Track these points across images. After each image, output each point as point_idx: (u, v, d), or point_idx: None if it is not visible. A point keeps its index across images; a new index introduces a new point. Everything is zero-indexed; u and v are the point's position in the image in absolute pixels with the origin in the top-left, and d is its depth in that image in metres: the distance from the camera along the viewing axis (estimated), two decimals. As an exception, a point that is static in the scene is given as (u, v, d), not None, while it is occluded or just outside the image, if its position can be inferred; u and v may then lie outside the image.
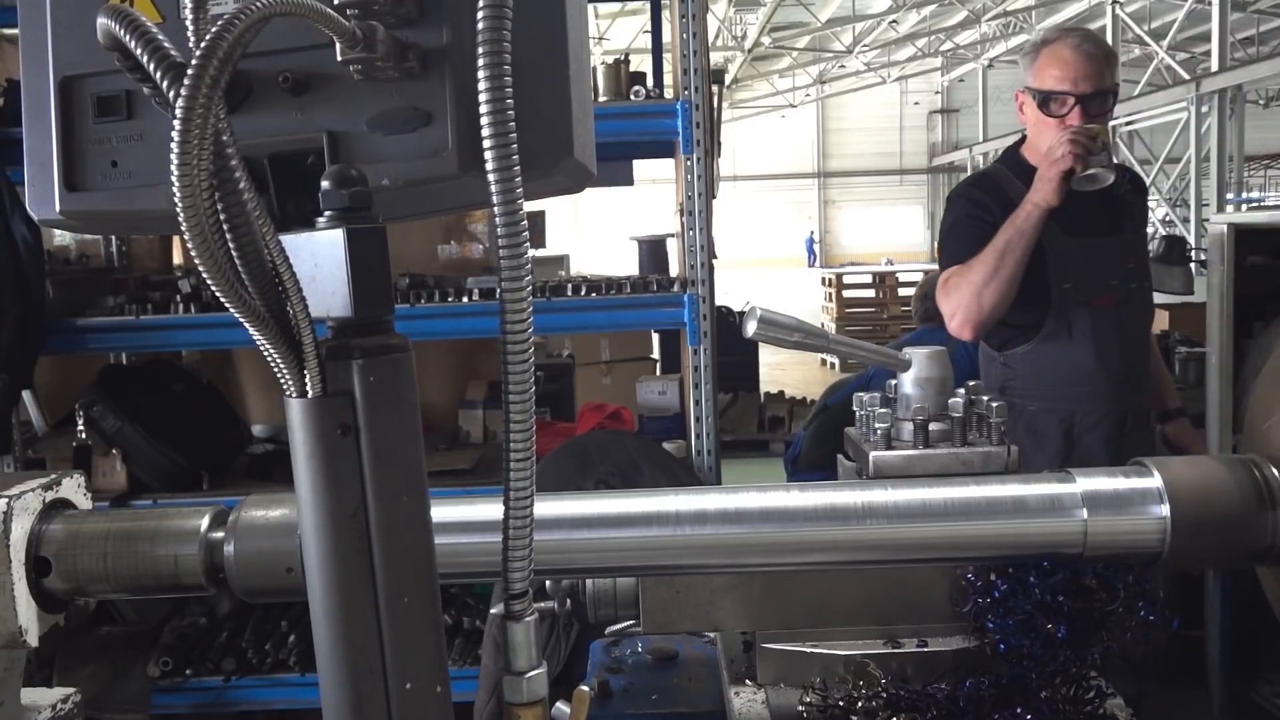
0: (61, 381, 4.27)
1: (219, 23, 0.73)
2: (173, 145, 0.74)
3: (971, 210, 2.81)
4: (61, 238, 4.72)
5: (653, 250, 6.53)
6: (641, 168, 5.98)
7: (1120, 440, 2.76)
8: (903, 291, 13.33)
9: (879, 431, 1.40)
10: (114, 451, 3.52)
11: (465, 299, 3.45)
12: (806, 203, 28.63)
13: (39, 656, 3.19)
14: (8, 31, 4.66)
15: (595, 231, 14.90)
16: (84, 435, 3.51)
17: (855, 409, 1.49)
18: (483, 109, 0.81)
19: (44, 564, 1.21)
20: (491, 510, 1.30)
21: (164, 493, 3.53)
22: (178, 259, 4.95)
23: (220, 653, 3.53)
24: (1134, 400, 2.84)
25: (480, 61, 0.81)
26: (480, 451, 4.03)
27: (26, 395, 3.77)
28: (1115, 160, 2.77)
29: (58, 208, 0.92)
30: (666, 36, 4.46)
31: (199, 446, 3.67)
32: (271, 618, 3.65)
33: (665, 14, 5.32)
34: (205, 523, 1.25)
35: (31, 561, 1.21)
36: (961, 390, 1.42)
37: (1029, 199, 2.65)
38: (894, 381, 1.47)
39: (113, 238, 4.69)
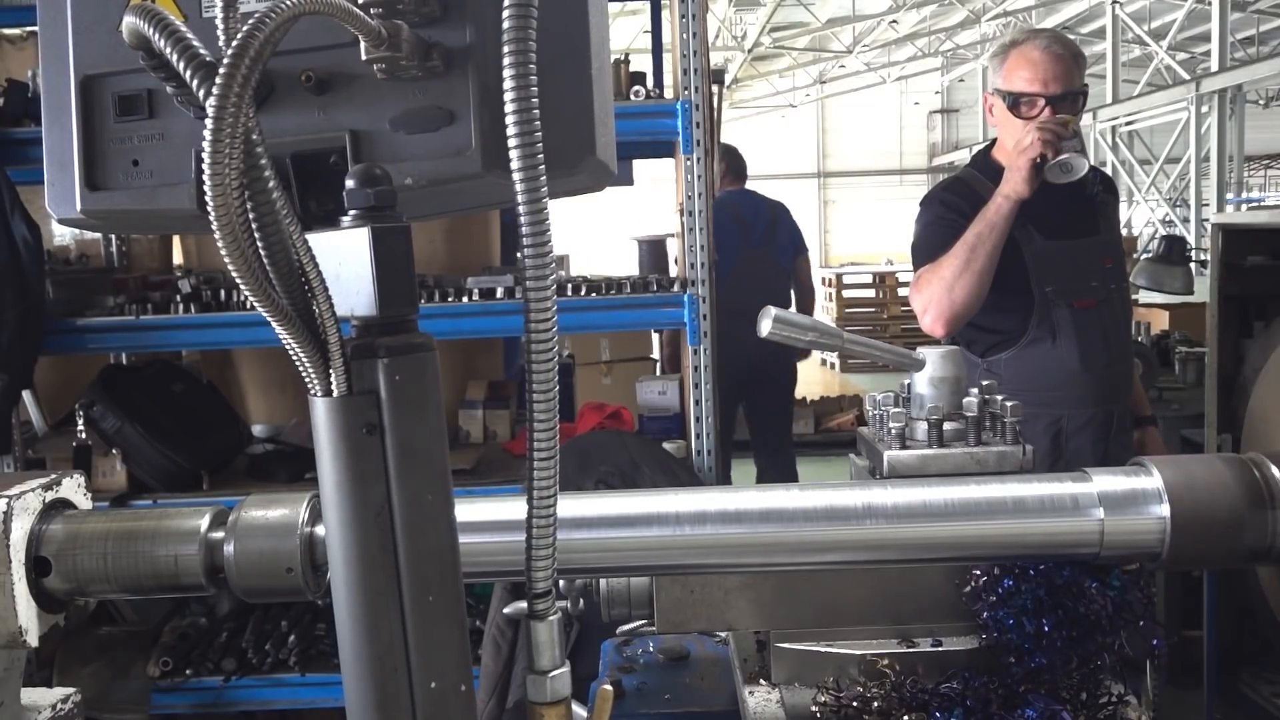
0: (61, 381, 4.26)
1: (250, 21, 0.73)
2: (204, 145, 0.74)
3: (944, 213, 2.80)
4: (61, 238, 4.71)
5: (653, 250, 6.53)
6: (641, 168, 5.98)
7: (1108, 442, 2.76)
8: (902, 291, 13.33)
9: (893, 431, 1.40)
10: (114, 451, 3.51)
11: (465, 299, 3.45)
12: (807, 202, 28.60)
13: (39, 656, 3.18)
14: (8, 31, 4.66)
15: (595, 231, 14.88)
16: (84, 435, 3.50)
17: (868, 408, 1.49)
18: (508, 108, 0.81)
19: (44, 564, 1.21)
20: (503, 510, 1.31)
21: (164, 493, 3.52)
22: (178, 259, 4.95)
23: (220, 653, 3.52)
24: (1120, 401, 2.84)
25: (505, 60, 0.81)
26: (480, 451, 4.03)
27: (26, 395, 3.76)
28: (1093, 164, 2.77)
29: (79, 207, 0.92)
30: (666, 36, 4.46)
31: (199, 446, 3.66)
32: (271, 618, 3.65)
33: (665, 14, 5.32)
34: (205, 523, 1.24)
35: (31, 561, 1.20)
36: (975, 390, 1.42)
37: (999, 191, 2.63)
38: (908, 381, 1.48)
39: (112, 237, 4.69)
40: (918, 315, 2.76)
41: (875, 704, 1.35)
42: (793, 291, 6.19)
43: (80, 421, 3.49)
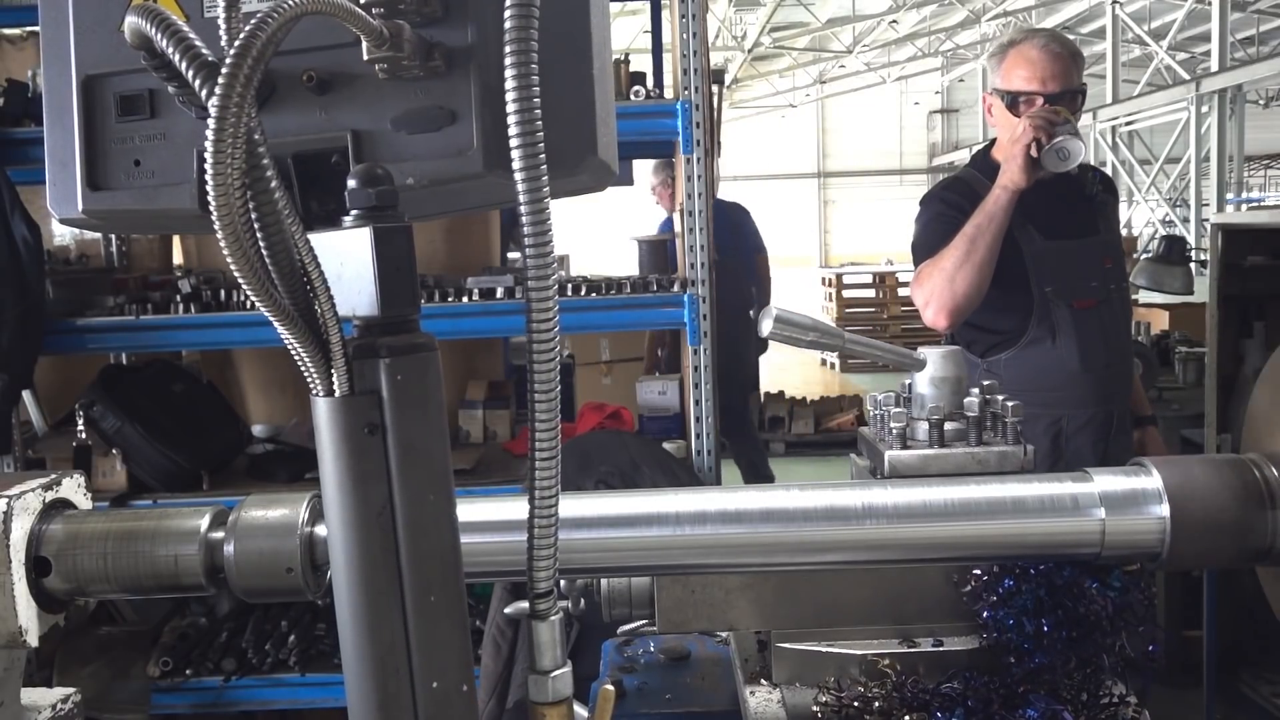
0: (61, 381, 4.26)
1: (252, 21, 0.73)
2: (207, 144, 0.74)
3: (944, 210, 2.81)
4: (61, 238, 4.71)
5: (653, 250, 6.54)
6: (642, 168, 5.99)
7: (1108, 442, 2.77)
8: (902, 291, 13.35)
9: (894, 431, 1.40)
10: (114, 451, 3.51)
11: (465, 299, 3.45)
12: (807, 202, 28.60)
13: (39, 656, 3.18)
14: (8, 31, 4.66)
15: (595, 231, 14.92)
16: (84, 435, 3.50)
17: (869, 408, 1.49)
18: (510, 107, 0.81)
19: (44, 564, 1.21)
20: (504, 509, 1.31)
21: (164, 493, 3.52)
22: (178, 259, 4.95)
23: (220, 653, 3.52)
24: (1120, 401, 2.84)
25: (507, 60, 0.81)
26: (480, 451, 4.03)
27: (26, 395, 3.76)
28: (1093, 164, 2.77)
29: (80, 207, 0.92)
30: (666, 36, 4.46)
31: (199, 446, 3.66)
32: (271, 618, 3.65)
33: (665, 14, 5.33)
34: (205, 523, 1.24)
35: (31, 561, 1.20)
36: (976, 390, 1.42)
37: (997, 183, 2.64)
38: (909, 381, 1.48)
39: (112, 237, 4.69)
40: (920, 309, 2.76)
41: (876, 704, 1.35)
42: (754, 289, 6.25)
43: (80, 421, 3.49)
